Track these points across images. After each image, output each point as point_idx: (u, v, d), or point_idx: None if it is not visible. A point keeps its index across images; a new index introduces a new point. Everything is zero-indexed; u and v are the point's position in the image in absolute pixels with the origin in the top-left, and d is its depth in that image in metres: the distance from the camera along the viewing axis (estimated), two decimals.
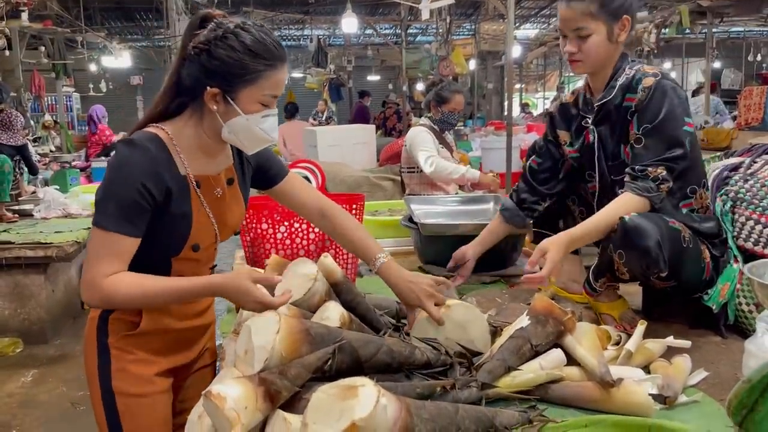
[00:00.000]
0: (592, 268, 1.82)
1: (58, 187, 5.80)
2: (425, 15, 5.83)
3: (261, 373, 1.12)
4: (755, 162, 1.90)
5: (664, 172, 1.66)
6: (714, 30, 10.78)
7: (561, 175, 2.02)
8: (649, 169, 1.66)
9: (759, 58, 15.85)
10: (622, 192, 1.70)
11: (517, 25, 15.03)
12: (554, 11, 15.59)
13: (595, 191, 1.91)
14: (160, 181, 1.33)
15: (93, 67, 13.11)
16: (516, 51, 10.42)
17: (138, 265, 1.34)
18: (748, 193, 1.84)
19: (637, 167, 1.68)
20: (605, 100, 1.80)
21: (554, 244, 1.63)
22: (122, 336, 1.41)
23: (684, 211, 1.75)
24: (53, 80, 11.18)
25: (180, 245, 1.41)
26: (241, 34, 1.34)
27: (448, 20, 8.32)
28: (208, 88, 1.35)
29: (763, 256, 1.74)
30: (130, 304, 1.35)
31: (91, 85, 14.16)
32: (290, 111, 9.27)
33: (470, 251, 2.09)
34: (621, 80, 1.78)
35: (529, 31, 16.05)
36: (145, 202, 1.32)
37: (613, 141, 1.82)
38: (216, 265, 1.59)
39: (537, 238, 2.17)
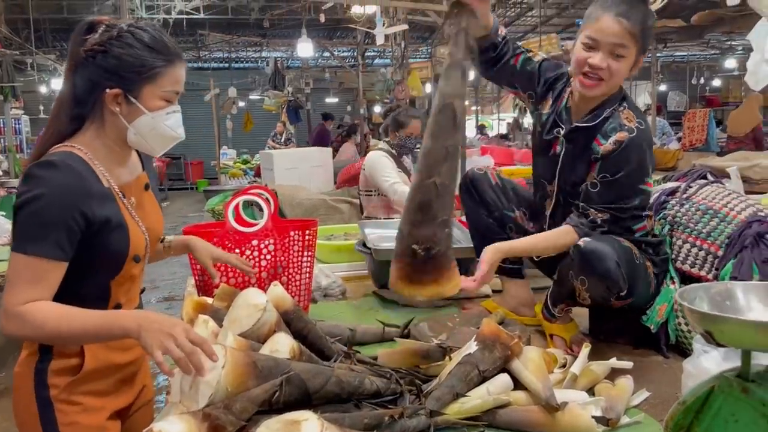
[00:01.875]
0: (549, 294, 1.86)
1: (3, 213, 5.61)
2: (380, 40, 5.91)
3: (206, 409, 1.10)
4: (690, 186, 1.98)
5: (607, 216, 1.72)
6: (659, 54, 11.24)
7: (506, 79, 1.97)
8: (592, 210, 1.73)
9: (702, 81, 16.57)
10: (566, 222, 1.76)
11: None
12: (508, 35, 15.95)
13: (548, 206, 1.95)
14: (93, 202, 1.28)
15: (43, 89, 12.81)
16: (470, 75, 10.61)
17: (74, 297, 1.27)
18: (684, 217, 1.91)
19: (582, 205, 1.75)
20: (587, 125, 1.79)
21: (490, 248, 1.71)
22: (66, 385, 1.32)
23: (637, 235, 1.82)
24: (1, 103, 10.88)
25: (122, 260, 1.35)
26: (137, 32, 1.33)
27: (402, 45, 8.45)
28: (108, 90, 1.31)
29: (700, 278, 1.81)
30: (43, 334, 1.24)
31: (41, 107, 13.81)
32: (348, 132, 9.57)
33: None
34: (606, 113, 1.77)
35: None
36: (76, 227, 1.26)
37: (576, 167, 1.82)
38: (144, 289, 1.55)
39: None
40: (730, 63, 14.24)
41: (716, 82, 17.16)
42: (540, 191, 1.99)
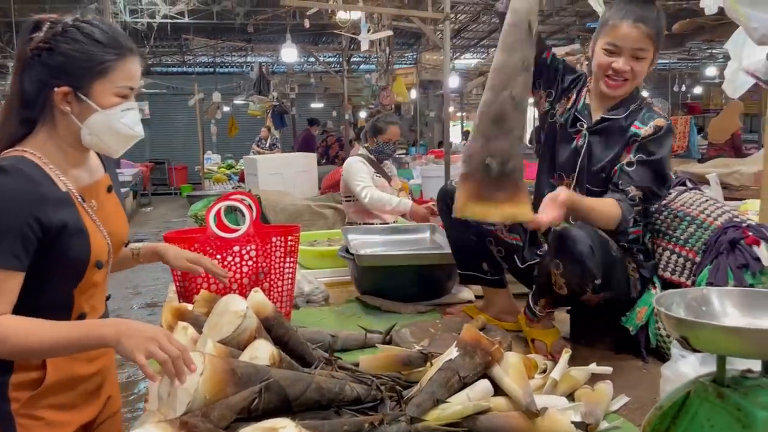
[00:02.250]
0: (531, 294, 1.88)
1: None
2: (364, 46, 5.93)
3: (183, 416, 1.09)
4: (669, 193, 2.00)
5: (641, 194, 1.79)
6: None
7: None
8: (631, 187, 1.78)
9: (683, 88, 16.81)
10: (608, 196, 1.79)
11: (457, 55, 15.40)
12: (493, 42, 16.08)
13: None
14: (48, 207, 1.23)
15: None
16: (455, 81, 10.68)
17: (35, 307, 1.22)
18: (663, 225, 1.93)
19: (620, 183, 1.79)
20: (616, 117, 1.86)
21: (565, 190, 1.69)
22: (28, 399, 1.26)
23: (630, 237, 1.86)
24: None
25: (83, 267, 1.30)
26: (84, 27, 1.28)
27: (387, 51, 8.47)
28: (56, 88, 1.26)
29: (679, 285, 1.83)
30: (6, 350, 1.17)
31: None
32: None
33: None
34: (633, 106, 1.87)
35: (469, 60, 16.46)
36: (32, 234, 1.20)
37: (603, 155, 1.87)
38: (110, 296, 1.50)
39: (463, 280, 2.23)
40: (711, 71, 14.45)
41: (697, 90, 17.41)
42: (548, 189, 1.95)
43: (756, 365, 1.08)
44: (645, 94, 2.10)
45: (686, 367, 1.38)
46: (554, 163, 1.99)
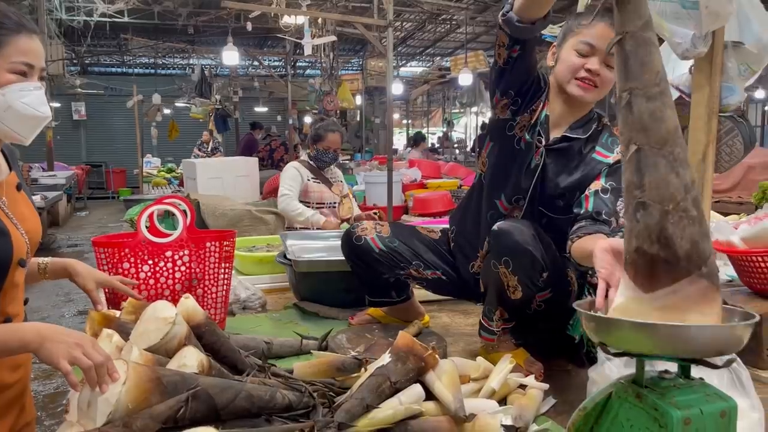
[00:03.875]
0: (482, 314, 1.81)
1: None
2: (307, 51, 5.91)
3: (103, 427, 1.06)
4: None
5: (617, 219, 1.71)
6: None
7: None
8: (612, 218, 1.69)
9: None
10: (597, 231, 1.65)
11: (403, 62, 15.55)
12: (438, 51, 16.32)
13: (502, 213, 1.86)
14: None
15: None
16: (399, 88, 10.76)
17: None
18: None
19: (603, 212, 1.70)
20: (577, 137, 1.79)
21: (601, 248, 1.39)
22: None
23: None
24: None
25: (6, 267, 1.25)
26: None
27: (332, 56, 8.47)
28: None
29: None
30: None
31: None
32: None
33: None
34: (595, 125, 1.81)
35: (414, 68, 16.64)
36: None
37: (561, 179, 1.79)
38: (28, 300, 1.44)
39: (371, 305, 2.19)
40: None
41: None
42: (492, 210, 1.89)
43: (673, 366, 1.13)
44: None
45: (611, 370, 1.42)
46: (507, 182, 1.86)
